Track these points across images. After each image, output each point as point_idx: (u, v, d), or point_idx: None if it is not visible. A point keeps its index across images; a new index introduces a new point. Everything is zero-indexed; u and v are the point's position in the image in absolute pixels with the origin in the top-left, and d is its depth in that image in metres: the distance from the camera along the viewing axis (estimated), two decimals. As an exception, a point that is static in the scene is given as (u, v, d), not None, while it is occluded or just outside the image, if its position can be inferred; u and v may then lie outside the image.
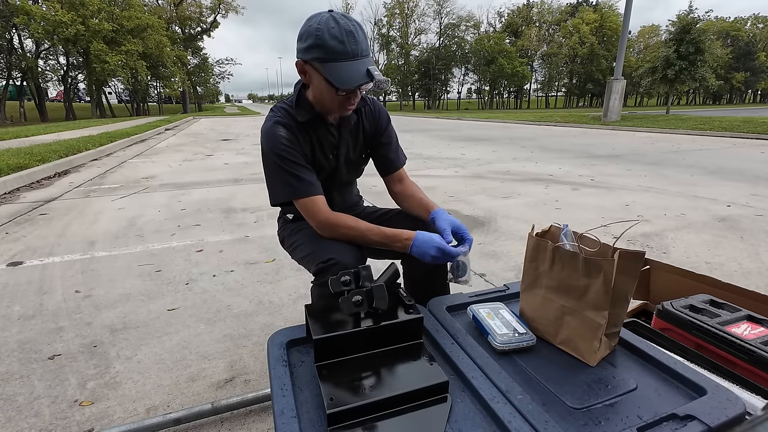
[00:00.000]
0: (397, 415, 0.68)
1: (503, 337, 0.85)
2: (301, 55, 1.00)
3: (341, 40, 0.94)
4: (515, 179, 4.85)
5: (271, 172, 1.12)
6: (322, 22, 0.95)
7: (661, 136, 10.17)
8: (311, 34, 0.95)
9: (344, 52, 0.95)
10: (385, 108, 1.29)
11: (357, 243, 1.12)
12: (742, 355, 0.92)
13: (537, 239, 0.89)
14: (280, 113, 1.12)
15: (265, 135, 1.10)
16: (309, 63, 1.00)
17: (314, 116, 1.12)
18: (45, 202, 3.89)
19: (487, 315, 0.93)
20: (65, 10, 19.20)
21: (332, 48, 0.94)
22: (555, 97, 60.79)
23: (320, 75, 0.99)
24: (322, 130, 1.16)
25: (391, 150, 1.29)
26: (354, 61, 0.97)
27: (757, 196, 3.87)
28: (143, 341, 1.59)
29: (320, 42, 0.94)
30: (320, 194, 1.12)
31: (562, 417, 0.68)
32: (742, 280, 2.09)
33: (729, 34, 48.24)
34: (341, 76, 0.97)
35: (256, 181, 4.78)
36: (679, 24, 17.47)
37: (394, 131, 1.32)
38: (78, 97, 41.06)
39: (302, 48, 0.99)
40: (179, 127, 15.39)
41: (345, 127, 1.20)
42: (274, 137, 1.08)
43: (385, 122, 1.28)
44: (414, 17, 44.54)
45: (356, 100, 1.09)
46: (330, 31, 0.94)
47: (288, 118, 1.11)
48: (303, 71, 1.04)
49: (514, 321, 0.91)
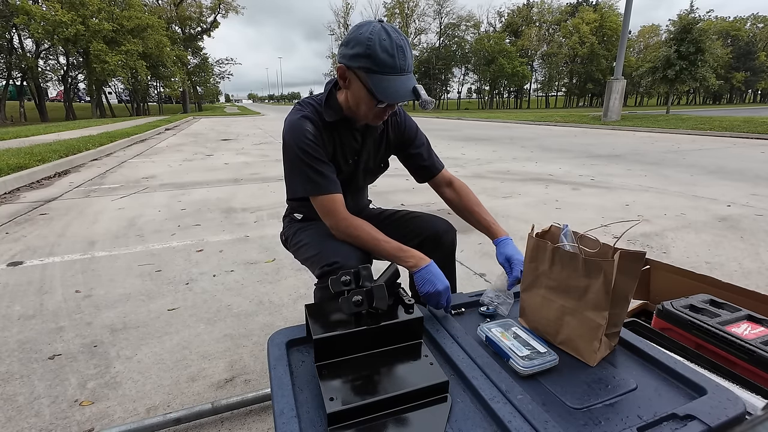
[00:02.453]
0: (397, 414, 0.68)
1: (526, 360, 0.79)
2: (346, 61, 0.99)
3: (391, 53, 0.93)
4: (515, 179, 4.85)
5: (292, 165, 1.09)
6: (374, 33, 0.93)
7: (661, 136, 10.17)
8: (361, 43, 0.94)
9: (392, 66, 0.94)
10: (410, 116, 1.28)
11: (366, 249, 1.10)
12: (742, 354, 0.92)
13: (536, 240, 0.89)
14: (308, 109, 1.11)
15: (290, 127, 1.08)
16: (353, 70, 0.99)
17: (342, 119, 1.11)
18: (45, 202, 3.89)
19: (502, 335, 0.87)
20: (65, 10, 19.18)
21: (382, 60, 0.93)
22: (555, 97, 60.78)
23: (362, 84, 0.99)
24: (347, 134, 1.15)
25: (424, 157, 1.28)
26: (400, 77, 0.96)
27: (757, 196, 3.86)
28: (143, 341, 1.59)
29: (370, 52, 0.93)
30: (340, 193, 1.10)
31: (562, 417, 0.68)
32: (742, 280, 2.09)
33: (729, 33, 48.20)
34: (387, 90, 0.96)
35: (256, 181, 4.78)
36: (679, 24, 17.47)
37: (424, 137, 1.30)
38: (78, 97, 41.04)
39: (348, 54, 0.97)
40: (179, 127, 15.39)
41: (369, 135, 1.19)
42: (299, 131, 1.06)
43: (414, 131, 1.27)
44: (414, 17, 44.53)
45: (390, 113, 1.08)
46: (381, 43, 0.93)
47: (315, 114, 1.10)
48: (344, 77, 1.02)
49: (531, 339, 0.85)
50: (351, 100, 1.06)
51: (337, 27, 46.09)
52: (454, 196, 1.28)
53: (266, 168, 5.68)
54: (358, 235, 1.08)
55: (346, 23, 45.24)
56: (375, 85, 0.96)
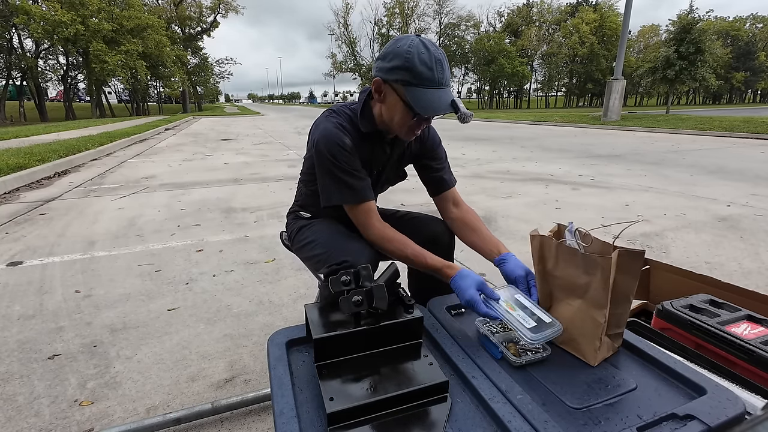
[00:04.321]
0: (397, 414, 0.68)
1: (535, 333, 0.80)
2: (383, 74, 0.99)
3: (430, 66, 0.94)
4: (515, 179, 4.85)
5: (327, 173, 1.07)
6: (413, 46, 0.94)
7: (661, 136, 10.17)
8: (399, 56, 0.94)
9: (431, 79, 0.94)
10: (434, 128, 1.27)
11: (395, 258, 1.09)
12: (742, 354, 0.92)
13: (541, 237, 0.89)
14: (343, 118, 1.10)
15: (325, 136, 1.06)
16: (389, 83, 0.99)
17: (375, 130, 1.11)
18: (45, 201, 3.89)
19: (507, 306, 0.88)
20: (65, 9, 19.16)
21: (420, 73, 0.93)
22: (555, 96, 60.79)
23: (398, 97, 0.99)
24: (378, 146, 1.15)
25: (444, 170, 1.27)
26: (438, 90, 0.96)
27: (757, 196, 3.87)
28: (143, 341, 1.59)
29: (409, 65, 0.93)
30: (373, 199, 1.10)
31: (562, 417, 0.68)
32: (742, 280, 2.09)
33: (729, 33, 48.20)
34: (424, 103, 0.96)
35: (256, 181, 4.78)
36: (679, 24, 17.47)
37: (444, 152, 1.29)
38: (78, 97, 41.03)
39: (386, 68, 0.97)
40: (179, 126, 15.39)
41: (397, 147, 1.20)
42: (336, 140, 1.05)
43: (436, 144, 1.26)
44: (414, 17, 44.50)
45: (423, 127, 1.08)
46: (420, 56, 0.93)
47: (350, 124, 1.10)
48: (379, 90, 1.02)
49: (536, 309, 0.87)
50: (385, 114, 1.06)
51: (337, 27, 46.08)
52: (458, 216, 1.26)
53: (266, 168, 5.68)
54: (389, 246, 1.07)
55: (346, 23, 45.22)
56: (413, 98, 0.96)
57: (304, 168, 1.26)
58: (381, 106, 1.06)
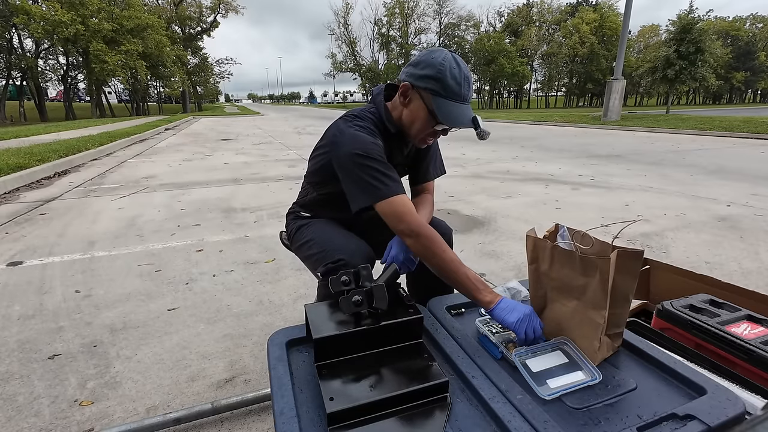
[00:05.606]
0: (397, 414, 0.68)
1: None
2: (412, 80, 1.02)
3: (459, 82, 0.99)
4: (515, 179, 4.85)
5: (365, 174, 1.00)
6: (447, 60, 0.99)
7: (661, 136, 10.17)
8: (433, 66, 0.99)
9: (458, 93, 0.99)
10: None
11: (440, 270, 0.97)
12: (742, 354, 0.92)
13: (535, 239, 0.88)
14: (368, 122, 1.09)
15: (359, 142, 1.02)
16: (418, 90, 1.02)
17: (398, 131, 1.13)
18: (45, 201, 3.89)
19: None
20: (65, 9, 19.15)
21: (450, 86, 0.98)
22: (555, 96, 60.76)
23: (424, 104, 1.02)
24: (397, 145, 1.18)
25: (427, 161, 1.27)
26: (462, 105, 1.01)
27: (757, 196, 3.86)
28: (143, 341, 1.59)
29: (441, 77, 0.98)
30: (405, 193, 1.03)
31: (562, 417, 0.68)
32: (742, 280, 2.09)
33: (729, 33, 48.19)
34: (449, 115, 1.00)
35: (256, 181, 4.78)
36: (679, 24, 17.46)
37: (436, 142, 1.29)
38: (78, 97, 40.99)
39: (417, 75, 1.01)
40: (179, 126, 15.38)
41: (411, 146, 1.22)
42: (370, 142, 1.02)
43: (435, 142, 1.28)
44: (414, 17, 44.47)
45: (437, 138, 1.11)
46: (452, 71, 0.98)
47: (376, 127, 1.10)
48: (406, 94, 1.05)
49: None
50: (406, 118, 1.08)
51: (337, 27, 46.04)
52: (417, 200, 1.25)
53: (266, 168, 5.68)
54: (430, 252, 0.95)
55: (346, 23, 45.18)
56: (439, 109, 1.00)
57: (312, 170, 1.23)
58: (404, 110, 1.08)
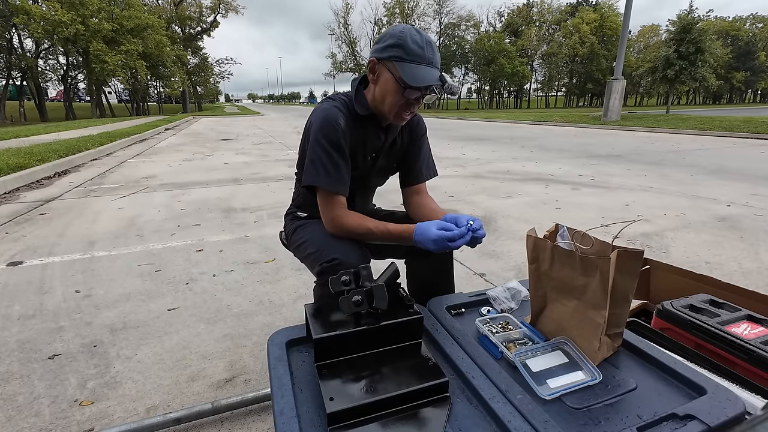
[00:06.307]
0: (397, 414, 0.68)
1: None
2: (377, 54, 1.05)
3: (421, 45, 1.01)
4: (515, 179, 4.85)
5: (313, 152, 1.09)
6: (406, 28, 1.03)
7: (661, 136, 10.17)
8: (393, 35, 1.02)
9: (422, 56, 1.01)
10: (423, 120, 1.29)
11: (363, 240, 1.12)
12: (742, 354, 0.92)
13: (535, 239, 0.88)
14: (339, 102, 1.14)
15: (322, 117, 1.09)
16: (382, 62, 1.04)
17: (370, 114, 1.14)
18: (45, 201, 3.89)
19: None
20: (65, 9, 19.16)
21: (412, 50, 1.01)
22: (555, 96, 60.77)
23: (391, 74, 1.03)
24: (372, 130, 1.17)
25: (419, 161, 1.28)
26: (428, 67, 1.02)
27: (757, 196, 3.86)
28: (143, 341, 1.59)
29: (402, 42, 1.01)
30: (345, 195, 1.12)
31: (562, 417, 0.68)
32: (742, 280, 2.09)
33: (729, 33, 48.18)
34: (415, 76, 1.01)
35: (256, 180, 4.78)
36: (679, 24, 17.46)
37: (427, 143, 1.31)
38: (78, 97, 41.01)
39: (380, 48, 1.04)
40: (179, 126, 15.38)
41: (390, 134, 1.21)
42: (331, 120, 1.08)
43: (421, 133, 1.28)
44: (414, 17, 44.44)
45: (415, 110, 1.11)
46: (412, 37, 1.01)
47: (346, 108, 1.13)
48: (373, 70, 1.07)
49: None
50: (378, 94, 1.09)
51: (337, 27, 46.03)
52: (416, 201, 1.27)
53: (266, 168, 5.68)
54: (350, 230, 1.09)
55: (346, 23, 45.17)
56: (404, 72, 1.01)
57: (298, 162, 1.26)
58: (374, 87, 1.10)
